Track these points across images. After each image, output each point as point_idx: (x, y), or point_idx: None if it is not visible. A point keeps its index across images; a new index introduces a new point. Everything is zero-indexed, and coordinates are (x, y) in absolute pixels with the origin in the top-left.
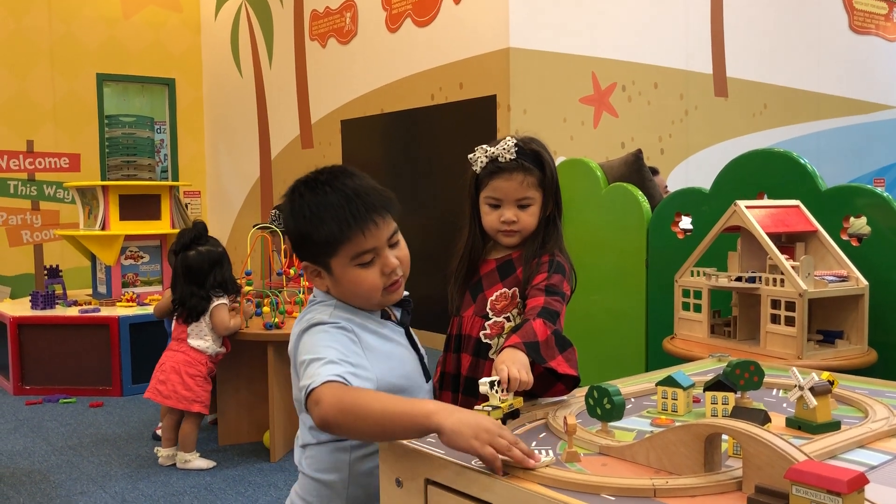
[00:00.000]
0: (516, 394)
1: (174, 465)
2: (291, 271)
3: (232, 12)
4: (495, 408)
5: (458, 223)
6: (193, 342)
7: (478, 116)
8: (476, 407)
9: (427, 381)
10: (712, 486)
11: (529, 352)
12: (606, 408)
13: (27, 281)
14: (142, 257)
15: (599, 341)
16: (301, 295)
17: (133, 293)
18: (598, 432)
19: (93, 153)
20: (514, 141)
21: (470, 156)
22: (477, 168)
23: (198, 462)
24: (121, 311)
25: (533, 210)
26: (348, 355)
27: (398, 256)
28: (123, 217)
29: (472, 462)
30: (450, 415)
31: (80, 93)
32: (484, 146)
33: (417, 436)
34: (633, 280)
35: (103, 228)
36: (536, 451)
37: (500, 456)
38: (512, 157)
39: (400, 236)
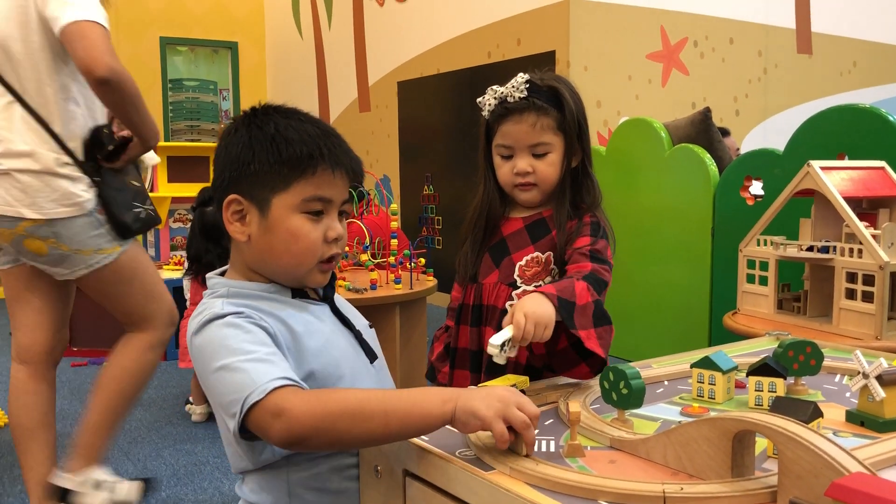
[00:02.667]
0: (524, 372)
1: (204, 422)
2: None
3: None
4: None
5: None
6: None
7: None
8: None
9: (372, 361)
10: (739, 495)
11: (561, 309)
12: (623, 393)
13: None
14: (190, 220)
15: (659, 316)
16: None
17: (181, 256)
18: (612, 421)
19: (156, 117)
20: (526, 77)
21: (479, 99)
22: (486, 112)
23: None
24: (166, 274)
25: (552, 158)
26: (273, 347)
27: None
28: (172, 179)
29: (456, 453)
30: (459, 397)
31: (143, 56)
32: (494, 87)
33: (433, 428)
34: (697, 250)
35: (151, 190)
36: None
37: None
38: (522, 96)
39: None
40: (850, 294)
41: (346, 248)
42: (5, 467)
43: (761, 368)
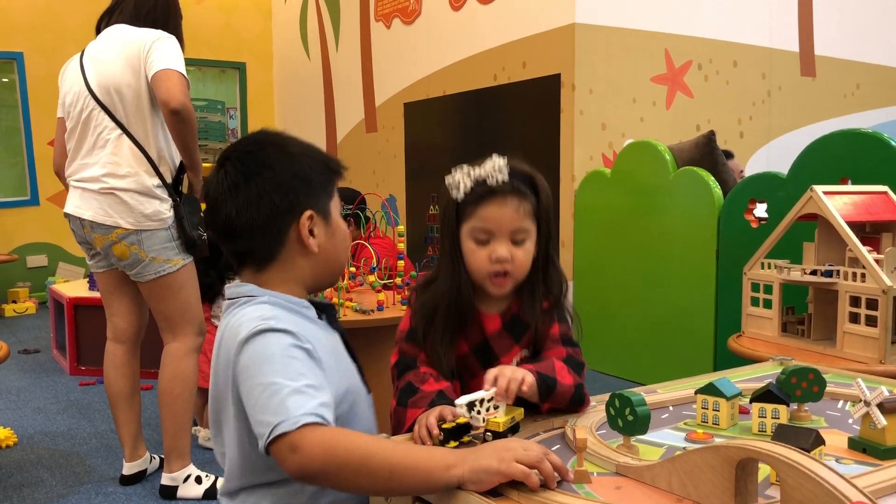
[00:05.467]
0: (517, 404)
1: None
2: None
3: None
4: (449, 431)
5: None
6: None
7: (541, 96)
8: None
9: (368, 393)
10: None
11: (540, 383)
12: (628, 419)
13: None
14: None
15: (664, 338)
16: (346, 281)
17: None
18: (618, 448)
19: None
20: (505, 160)
21: (448, 178)
22: (459, 194)
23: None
24: None
25: (528, 247)
26: (311, 377)
27: None
28: None
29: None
30: (464, 461)
31: None
32: (464, 166)
33: (434, 491)
34: (701, 272)
35: None
36: None
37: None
38: (505, 179)
39: None
40: (854, 318)
41: (353, 269)
42: (15, 487)
43: (765, 395)
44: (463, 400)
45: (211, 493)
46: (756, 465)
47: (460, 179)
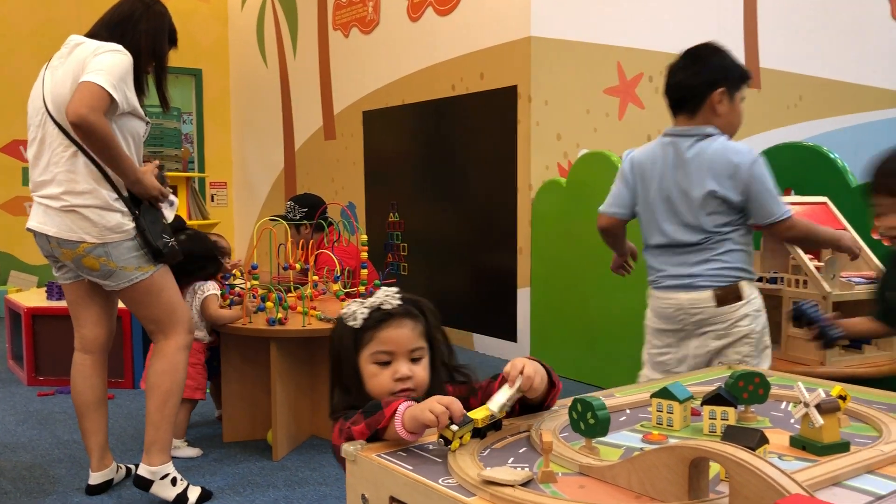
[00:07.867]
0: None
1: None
2: (298, 266)
3: (258, 2)
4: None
5: None
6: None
7: (499, 107)
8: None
9: None
10: None
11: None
12: (590, 423)
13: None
14: None
15: (619, 341)
16: (310, 289)
17: None
18: (580, 449)
19: None
20: (396, 289)
21: (343, 311)
22: (357, 322)
23: (185, 451)
24: None
25: (425, 363)
26: None
27: None
28: None
29: (439, 481)
30: None
31: None
32: (357, 300)
33: None
34: None
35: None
36: (515, 468)
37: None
38: (398, 303)
39: None
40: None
41: (315, 277)
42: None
43: (714, 398)
44: (495, 406)
45: (182, 499)
46: (707, 464)
47: (356, 309)
